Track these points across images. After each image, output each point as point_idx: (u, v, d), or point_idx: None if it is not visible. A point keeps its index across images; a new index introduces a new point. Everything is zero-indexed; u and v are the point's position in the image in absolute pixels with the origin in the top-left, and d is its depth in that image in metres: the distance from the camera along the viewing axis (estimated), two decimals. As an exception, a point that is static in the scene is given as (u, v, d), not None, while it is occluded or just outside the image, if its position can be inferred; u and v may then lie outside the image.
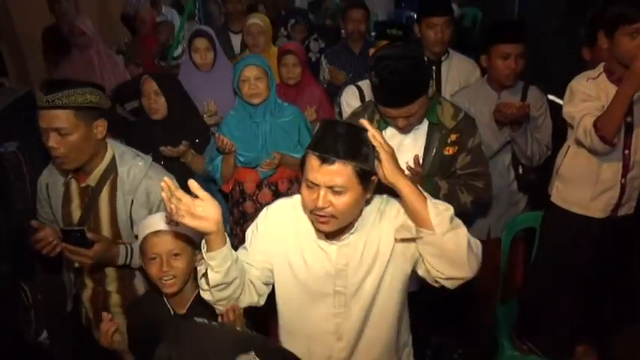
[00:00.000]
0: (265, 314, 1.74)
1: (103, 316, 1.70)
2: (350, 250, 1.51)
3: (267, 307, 1.63)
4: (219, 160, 2.60)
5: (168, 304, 1.77)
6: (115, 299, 2.03)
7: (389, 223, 1.51)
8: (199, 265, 1.47)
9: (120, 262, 1.89)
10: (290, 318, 1.62)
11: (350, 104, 2.47)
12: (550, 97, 2.57)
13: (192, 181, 1.35)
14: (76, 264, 1.89)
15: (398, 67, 1.77)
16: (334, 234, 1.50)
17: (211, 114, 2.92)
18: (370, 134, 1.39)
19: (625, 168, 2.08)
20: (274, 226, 1.58)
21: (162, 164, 2.17)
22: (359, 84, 2.56)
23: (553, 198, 2.28)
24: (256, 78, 2.52)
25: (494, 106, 2.33)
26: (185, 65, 3.19)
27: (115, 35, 5.58)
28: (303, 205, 1.49)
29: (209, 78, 3.05)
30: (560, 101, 2.21)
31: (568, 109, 2.09)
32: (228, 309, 1.52)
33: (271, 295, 1.63)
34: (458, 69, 2.80)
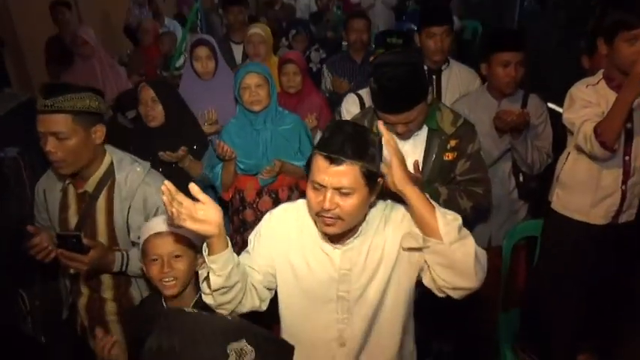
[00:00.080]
0: (267, 320, 1.72)
1: (96, 333, 1.68)
2: (354, 255, 1.50)
3: (269, 313, 1.61)
4: (219, 168, 2.59)
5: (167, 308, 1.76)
6: (111, 307, 2.01)
7: (394, 228, 1.51)
8: (201, 269, 1.47)
9: (115, 268, 1.87)
10: (292, 323, 1.61)
11: (350, 112, 2.48)
12: (550, 105, 2.57)
13: (192, 185, 1.35)
14: (72, 270, 1.88)
15: (397, 73, 1.77)
16: (338, 238, 1.50)
17: (212, 122, 2.91)
18: (384, 140, 1.39)
19: (625, 174, 2.08)
20: (278, 230, 1.57)
21: (160, 171, 2.17)
22: (359, 92, 2.56)
23: (553, 205, 2.28)
24: (257, 85, 2.52)
25: (494, 114, 2.33)
26: (186, 73, 3.19)
27: (118, 47, 5.63)
28: (308, 208, 1.49)
29: (210, 86, 3.04)
30: (560, 109, 2.21)
31: (568, 115, 2.09)
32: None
33: (273, 301, 1.62)
34: (458, 78, 2.81)
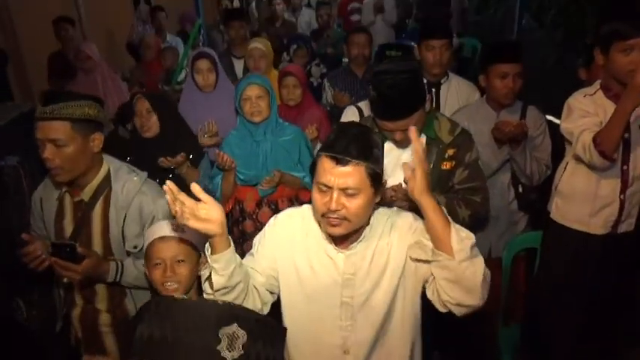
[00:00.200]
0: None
1: None
2: (358, 260, 1.51)
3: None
4: (219, 179, 2.60)
5: None
6: (105, 318, 1.98)
7: (400, 235, 1.51)
8: (203, 269, 1.47)
9: (110, 278, 1.86)
10: (295, 329, 1.59)
11: (349, 123, 2.49)
12: (548, 117, 2.59)
13: (194, 185, 1.36)
14: (65, 279, 1.86)
15: (396, 81, 1.80)
16: (343, 242, 1.50)
17: (212, 134, 2.91)
18: (414, 148, 1.40)
19: (624, 184, 2.08)
20: (282, 233, 1.58)
21: (157, 182, 2.16)
22: (359, 104, 2.59)
23: (552, 215, 2.28)
24: (258, 97, 2.55)
25: (493, 125, 2.35)
26: (187, 86, 3.21)
27: (121, 63, 5.68)
28: (313, 210, 1.50)
29: (211, 99, 3.06)
30: (558, 121, 2.22)
31: (566, 125, 2.10)
32: None
33: (276, 306, 1.61)
34: (457, 91, 2.83)
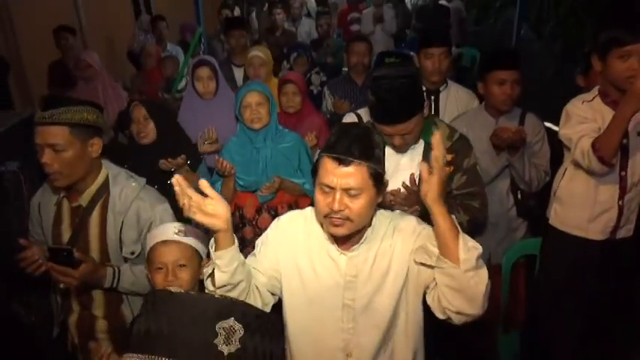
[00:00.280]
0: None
1: (90, 346, 1.66)
2: (360, 262, 1.51)
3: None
4: (219, 185, 2.60)
5: None
6: (102, 325, 1.97)
7: (403, 238, 1.51)
8: (206, 267, 1.48)
9: (107, 284, 1.85)
10: (297, 331, 1.59)
11: (348, 130, 2.50)
12: (547, 124, 2.60)
13: (202, 181, 1.37)
14: (62, 285, 1.85)
15: (394, 85, 1.81)
16: (345, 243, 1.50)
17: (212, 141, 2.91)
18: (434, 155, 1.40)
19: (622, 190, 2.09)
20: (285, 234, 1.58)
21: (156, 188, 2.15)
22: (358, 112, 2.58)
23: (551, 221, 2.28)
24: (258, 104, 2.56)
25: (491, 132, 2.35)
26: (188, 93, 3.22)
27: (122, 72, 5.71)
28: (316, 212, 1.50)
29: (211, 106, 3.07)
30: (557, 128, 2.23)
31: (564, 131, 2.11)
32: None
33: (278, 308, 1.61)
34: (456, 99, 2.85)
